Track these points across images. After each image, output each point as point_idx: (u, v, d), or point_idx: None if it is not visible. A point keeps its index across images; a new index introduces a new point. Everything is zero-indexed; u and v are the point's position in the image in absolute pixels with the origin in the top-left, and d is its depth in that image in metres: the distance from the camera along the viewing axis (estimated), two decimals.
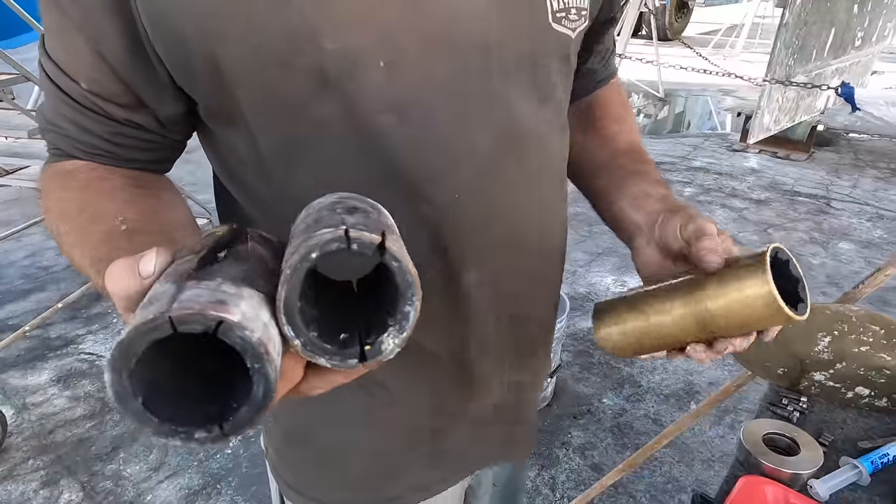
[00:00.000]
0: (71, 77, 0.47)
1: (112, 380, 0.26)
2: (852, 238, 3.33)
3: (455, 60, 0.47)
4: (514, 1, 0.49)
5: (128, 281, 0.30)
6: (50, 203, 0.49)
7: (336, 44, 0.43)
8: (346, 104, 0.45)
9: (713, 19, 10.62)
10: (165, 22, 0.43)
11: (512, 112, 0.51)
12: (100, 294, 2.75)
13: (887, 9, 4.96)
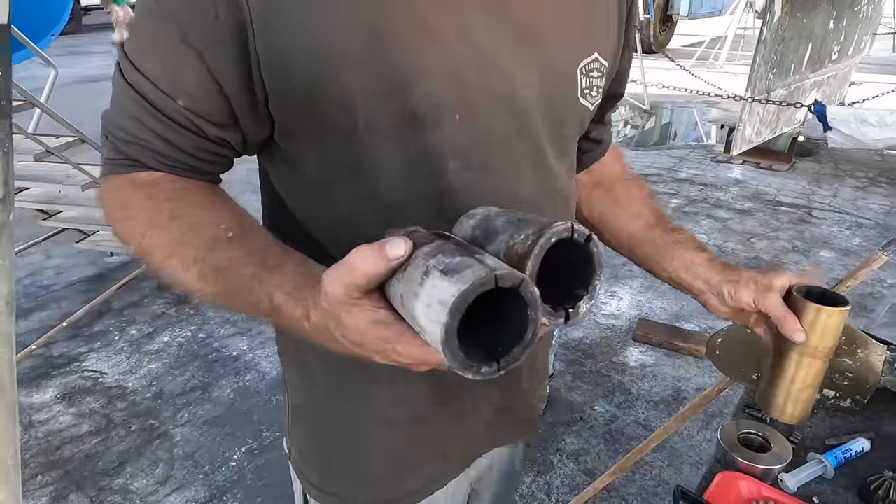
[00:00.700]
0: (167, 94, 0.50)
1: (448, 322, 0.34)
2: (832, 246, 3.44)
3: (511, 120, 0.56)
4: (556, 76, 0.59)
5: (376, 261, 0.39)
6: (132, 212, 0.52)
7: (423, 90, 0.51)
8: (423, 143, 0.53)
9: (697, 31, 10.84)
10: (279, 53, 0.48)
11: (548, 166, 0.62)
12: (101, 312, 2.80)
13: (862, 23, 5.14)
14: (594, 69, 0.62)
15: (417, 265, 0.38)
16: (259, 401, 2.26)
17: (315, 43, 0.48)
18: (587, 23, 0.62)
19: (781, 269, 0.66)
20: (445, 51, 0.52)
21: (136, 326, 2.73)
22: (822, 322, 0.69)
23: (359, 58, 0.49)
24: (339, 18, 0.49)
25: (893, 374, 0.94)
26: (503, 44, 0.54)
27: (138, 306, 2.88)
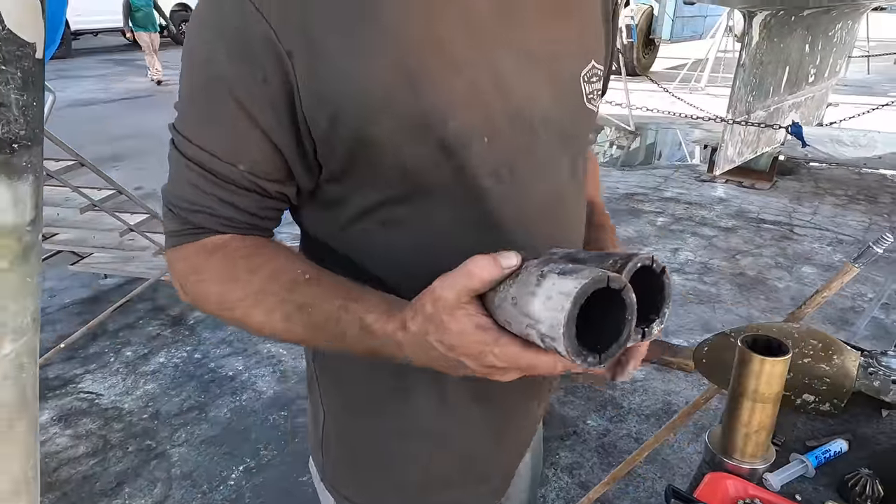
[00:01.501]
0: (228, 161, 0.54)
1: (570, 309, 0.40)
2: (814, 262, 3.54)
3: (531, 133, 0.61)
4: (564, 88, 0.64)
5: (492, 269, 0.45)
6: (207, 275, 0.57)
7: (456, 122, 0.55)
8: (458, 168, 0.57)
9: (679, 54, 11.12)
10: (324, 104, 0.53)
11: (564, 170, 0.66)
12: (96, 334, 2.81)
13: (837, 47, 5.33)
14: (593, 75, 0.67)
15: (531, 272, 0.45)
16: (256, 420, 2.28)
17: (357, 91, 0.53)
18: (582, 33, 0.66)
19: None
20: (472, 82, 0.56)
21: (132, 348, 2.74)
22: (767, 371, 0.81)
23: (398, 101, 0.53)
24: (377, 66, 0.53)
25: (867, 379, 1.00)
26: (518, 66, 0.59)
27: (133, 328, 2.89)
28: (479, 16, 0.56)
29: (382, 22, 0.53)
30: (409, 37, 0.53)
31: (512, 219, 0.61)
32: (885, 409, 1.01)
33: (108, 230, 2.77)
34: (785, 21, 4.07)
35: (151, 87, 9.08)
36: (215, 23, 0.53)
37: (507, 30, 0.58)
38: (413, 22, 0.54)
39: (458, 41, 0.55)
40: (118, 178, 2.95)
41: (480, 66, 0.56)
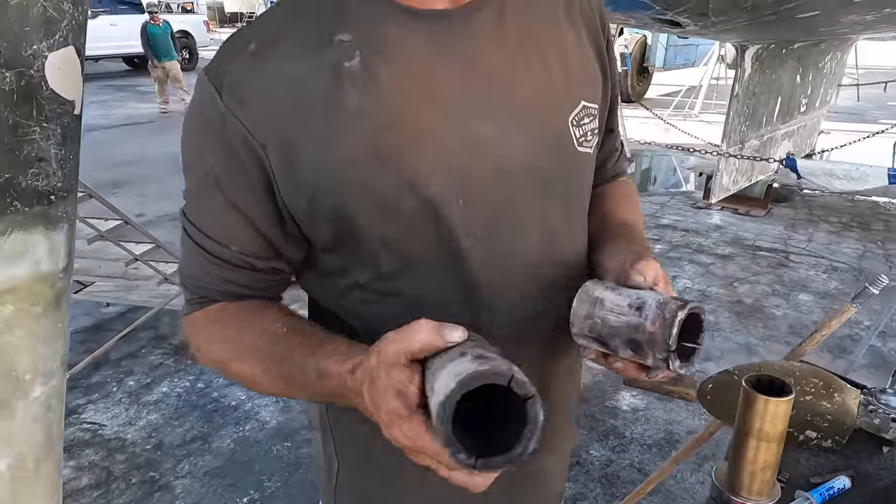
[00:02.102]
0: (221, 243, 0.61)
1: (453, 389, 0.39)
2: (810, 290, 3.58)
3: (510, 187, 0.62)
4: (548, 137, 0.64)
5: (431, 336, 0.46)
6: (206, 340, 0.65)
7: (429, 191, 0.58)
8: (437, 234, 0.60)
9: (673, 81, 11.32)
10: (301, 189, 0.58)
11: (551, 220, 0.66)
12: (99, 363, 2.81)
13: (827, 77, 5.46)
14: (584, 116, 0.66)
15: (462, 349, 0.45)
16: (259, 450, 2.28)
17: (330, 175, 0.57)
18: (567, 76, 0.65)
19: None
20: (445, 149, 0.58)
21: (134, 377, 2.74)
22: (772, 411, 0.84)
23: (369, 178, 0.57)
24: (347, 150, 0.57)
25: (868, 417, 1.03)
26: (495, 124, 0.60)
27: (136, 357, 2.90)
28: (447, 86, 0.59)
29: (349, 108, 0.57)
30: (377, 119, 0.57)
31: (495, 276, 0.62)
32: (885, 446, 1.03)
33: (114, 260, 2.79)
34: (776, 53, 4.18)
35: (153, 113, 9.16)
36: (199, 125, 0.61)
37: (478, 94, 0.59)
38: (379, 104, 0.57)
39: (425, 114, 0.58)
40: (119, 204, 2.98)
41: (451, 134, 0.58)
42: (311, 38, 0.58)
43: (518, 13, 0.63)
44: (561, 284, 0.69)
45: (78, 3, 0.75)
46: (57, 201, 0.79)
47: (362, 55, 0.57)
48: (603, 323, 0.57)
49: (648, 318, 0.54)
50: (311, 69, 0.57)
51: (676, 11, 2.21)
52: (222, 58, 0.60)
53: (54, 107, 0.75)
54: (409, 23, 0.58)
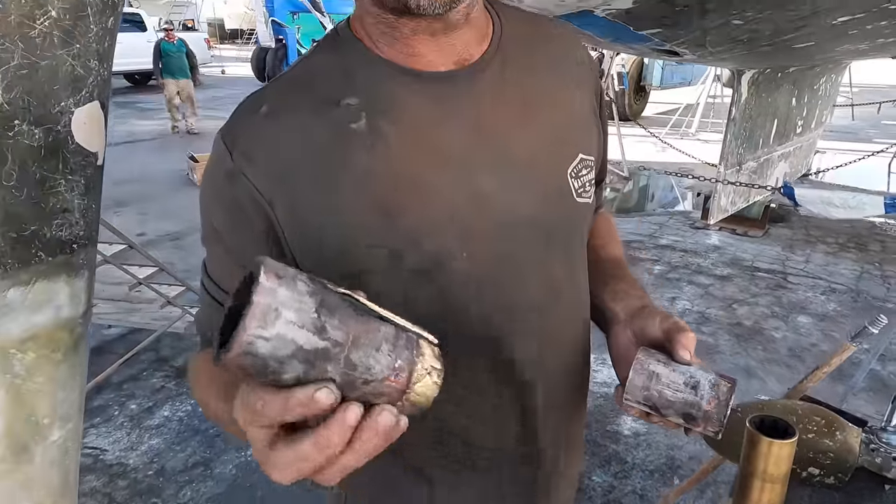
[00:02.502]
0: (227, 290, 0.63)
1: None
2: (809, 311, 3.60)
3: (513, 240, 0.64)
4: (549, 189, 0.66)
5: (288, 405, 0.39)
6: (197, 381, 0.66)
7: (431, 245, 0.60)
8: (439, 286, 0.61)
9: (669, 100, 11.44)
10: (306, 239, 0.60)
11: (553, 269, 0.68)
12: (101, 387, 2.81)
13: (822, 99, 5.53)
14: (582, 168, 0.69)
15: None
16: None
17: (336, 229, 0.59)
18: (566, 130, 0.68)
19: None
20: (449, 204, 0.60)
21: (136, 401, 2.74)
22: (776, 453, 0.85)
23: (375, 233, 0.59)
24: (353, 206, 0.59)
25: (870, 455, 1.05)
26: (498, 180, 0.62)
27: (137, 380, 2.90)
28: (451, 146, 0.61)
29: (356, 168, 0.59)
30: (383, 178, 0.59)
31: (498, 324, 0.65)
32: (888, 485, 1.05)
33: (116, 283, 2.80)
34: (772, 77, 4.25)
35: (155, 130, 9.21)
36: (211, 182, 0.64)
37: (481, 152, 0.62)
38: (385, 164, 0.59)
39: (431, 173, 0.60)
40: (120, 224, 3.00)
41: (455, 190, 0.61)
42: (320, 102, 0.61)
43: (519, 72, 0.66)
44: (565, 331, 0.72)
45: (103, 59, 0.78)
46: (79, 249, 0.81)
47: (368, 117, 0.60)
48: (659, 396, 0.63)
49: (704, 397, 0.61)
50: (319, 131, 0.60)
51: (675, 43, 2.26)
52: (236, 119, 0.63)
53: (79, 159, 0.78)
54: (413, 85, 0.61)
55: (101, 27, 0.75)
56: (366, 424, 0.40)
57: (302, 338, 0.38)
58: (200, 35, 16.57)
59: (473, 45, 0.64)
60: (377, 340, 0.42)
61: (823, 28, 2.16)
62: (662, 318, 0.66)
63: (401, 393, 0.42)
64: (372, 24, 0.61)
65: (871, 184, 5.81)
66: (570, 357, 0.75)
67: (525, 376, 0.68)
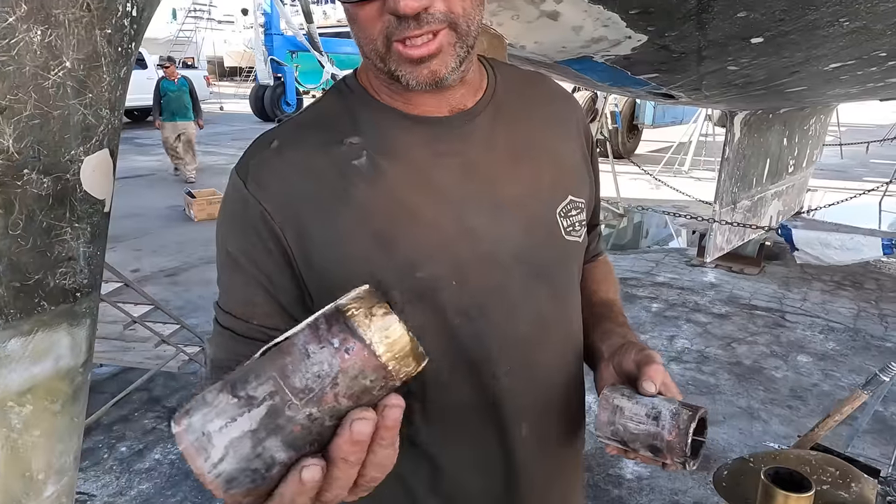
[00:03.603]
0: (243, 319, 0.65)
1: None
2: (808, 351, 3.59)
3: (501, 272, 0.67)
4: (537, 226, 0.70)
5: None
6: None
7: (424, 273, 0.64)
8: (430, 314, 0.65)
9: (662, 138, 11.62)
10: (312, 264, 0.64)
11: (542, 304, 0.71)
12: (90, 428, 2.74)
13: (812, 138, 5.63)
14: (572, 209, 0.73)
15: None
16: None
17: (338, 257, 0.63)
18: (555, 174, 0.73)
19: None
20: (442, 237, 0.65)
21: (126, 443, 2.67)
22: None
23: (373, 261, 0.63)
24: (353, 236, 0.63)
25: None
26: (487, 216, 0.67)
27: (128, 421, 2.83)
28: (444, 183, 0.66)
29: (357, 199, 0.64)
30: (381, 210, 0.64)
31: (487, 350, 0.67)
32: None
33: (111, 322, 2.76)
34: (763, 118, 4.32)
35: (151, 166, 9.24)
36: (228, 213, 0.67)
37: (472, 190, 0.67)
38: (384, 196, 0.64)
39: (425, 207, 0.65)
40: (115, 259, 2.98)
41: (447, 224, 0.65)
42: (325, 141, 0.67)
43: (510, 121, 0.72)
44: (552, 365, 0.74)
45: (115, 107, 0.78)
46: (82, 298, 0.79)
47: (369, 155, 0.66)
48: (624, 429, 0.64)
49: (665, 427, 0.61)
50: (324, 165, 0.65)
51: (672, 87, 2.30)
52: (249, 154, 0.68)
53: (86, 207, 0.77)
54: (411, 128, 0.67)
55: (114, 76, 0.76)
56: (347, 439, 0.40)
57: (244, 424, 0.36)
58: (200, 73, 16.83)
59: (469, 97, 0.70)
60: (300, 353, 0.39)
61: (816, 74, 2.21)
62: (637, 350, 0.69)
63: (373, 364, 0.38)
64: (375, 77, 0.68)
65: (863, 222, 5.87)
66: (560, 393, 0.76)
67: (511, 408, 0.70)
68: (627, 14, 1.58)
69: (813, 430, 1.17)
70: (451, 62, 0.61)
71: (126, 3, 0.75)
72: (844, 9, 1.53)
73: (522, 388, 0.70)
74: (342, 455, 0.40)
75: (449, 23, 0.59)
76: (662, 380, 0.66)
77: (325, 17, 20.79)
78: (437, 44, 0.59)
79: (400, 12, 0.56)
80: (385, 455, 0.43)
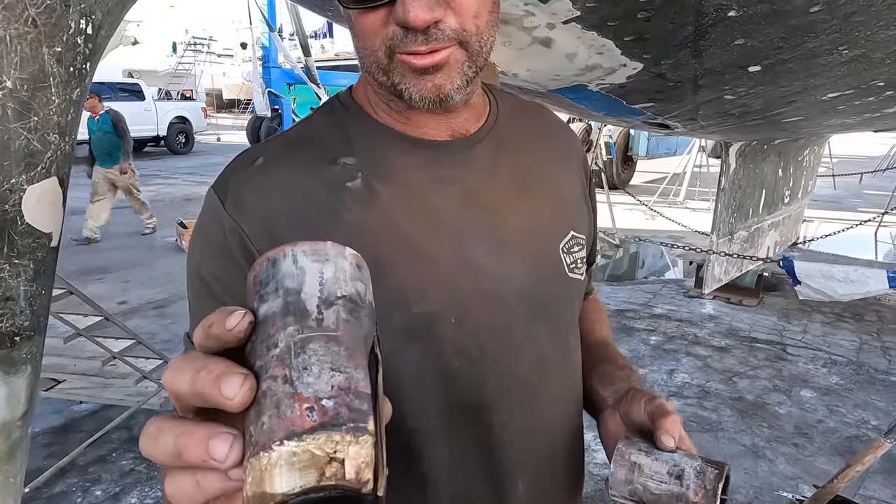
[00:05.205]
0: None
1: None
2: (812, 385, 3.49)
3: (506, 311, 0.62)
4: (541, 263, 0.66)
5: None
6: None
7: (419, 308, 0.58)
8: (425, 352, 0.58)
9: (656, 169, 11.69)
10: None
11: (543, 345, 0.66)
12: (65, 470, 2.61)
13: (806, 169, 5.63)
14: (574, 245, 0.69)
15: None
16: None
17: None
18: (558, 208, 0.69)
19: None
20: (440, 269, 0.60)
21: (102, 486, 2.54)
22: None
23: None
24: None
25: None
26: (489, 250, 0.62)
27: (105, 462, 2.70)
28: (443, 211, 0.61)
29: (349, 222, 0.58)
30: (374, 234, 0.58)
31: (486, 396, 0.61)
32: None
33: (89, 358, 2.66)
34: (758, 149, 4.31)
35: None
36: (202, 236, 0.61)
37: (473, 221, 0.62)
38: (378, 220, 0.59)
39: (423, 234, 0.60)
40: (102, 291, 2.89)
41: (446, 255, 0.60)
42: (317, 159, 0.61)
43: (513, 150, 0.68)
44: (553, 416, 0.68)
45: (65, 132, 0.71)
46: (21, 342, 0.71)
47: (364, 176, 0.60)
48: (644, 489, 0.59)
49: (691, 488, 0.57)
50: (313, 185, 0.59)
51: (667, 116, 2.26)
52: (229, 172, 0.61)
53: (28, 241, 0.69)
54: (409, 150, 0.62)
55: (65, 99, 0.69)
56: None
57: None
58: (198, 104, 17.00)
59: (471, 123, 0.66)
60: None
61: (813, 103, 2.18)
62: (647, 399, 0.64)
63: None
64: (373, 93, 0.63)
65: (859, 252, 5.84)
66: (561, 446, 0.70)
67: (508, 463, 0.64)
68: (622, 41, 1.54)
69: (832, 482, 1.08)
70: (458, 80, 0.56)
71: (80, 20, 0.69)
72: (844, 37, 1.49)
73: (521, 441, 0.64)
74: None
75: (459, 41, 0.55)
76: (679, 434, 0.60)
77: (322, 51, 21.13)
78: (444, 55, 0.55)
79: (409, 24, 0.51)
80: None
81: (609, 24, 1.50)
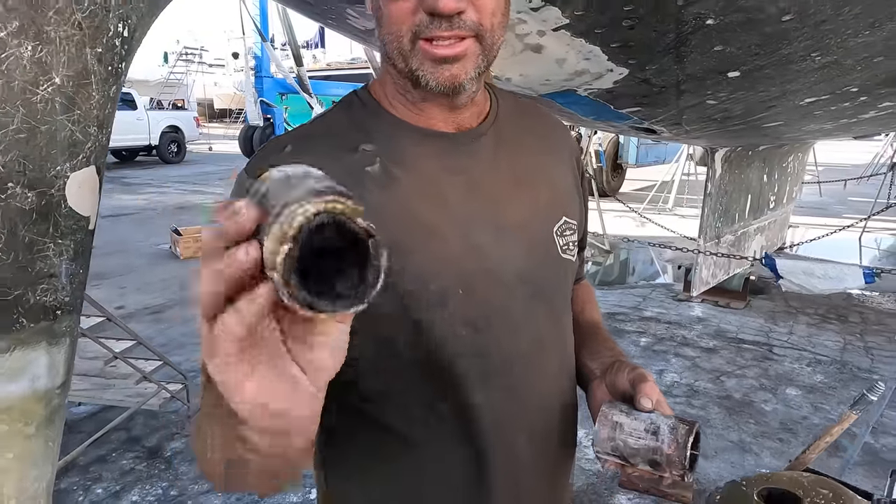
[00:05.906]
0: None
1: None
2: (797, 383, 3.58)
3: (505, 291, 0.69)
4: (537, 246, 0.73)
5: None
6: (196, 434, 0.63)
7: (435, 286, 0.65)
8: (439, 321, 0.65)
9: (645, 176, 11.84)
10: None
11: (540, 323, 0.73)
12: (65, 469, 2.64)
13: (791, 176, 5.76)
14: (566, 229, 0.76)
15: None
16: None
17: None
18: (551, 195, 0.76)
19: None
20: (452, 252, 0.66)
21: (103, 484, 2.58)
22: None
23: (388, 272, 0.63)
24: None
25: None
26: (490, 235, 0.69)
27: (105, 461, 2.74)
28: (452, 197, 0.68)
29: (370, 203, 0.62)
30: (395, 216, 0.64)
31: (489, 367, 0.68)
32: None
33: (91, 358, 2.70)
34: (743, 155, 4.43)
35: (137, 205, 9.22)
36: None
37: (477, 206, 0.69)
38: (397, 202, 0.65)
39: (436, 217, 0.66)
40: (99, 296, 2.93)
41: (455, 237, 0.67)
42: (338, 147, 0.67)
43: (511, 143, 0.75)
44: (549, 385, 0.75)
45: (103, 125, 0.78)
46: (62, 316, 0.78)
47: (382, 162, 0.67)
48: (624, 445, 0.66)
49: (665, 441, 0.64)
50: (337, 169, 0.63)
51: (653, 121, 2.36)
52: (261, 155, 0.69)
53: (70, 223, 0.76)
54: (421, 140, 0.69)
55: (103, 95, 0.76)
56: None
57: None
58: (190, 114, 17.00)
59: (474, 118, 0.73)
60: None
61: (791, 109, 2.28)
62: (630, 369, 0.71)
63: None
64: (391, 85, 0.69)
65: (844, 256, 5.97)
66: (556, 408, 0.77)
67: (516, 412, 0.70)
68: (609, 47, 1.63)
69: (804, 453, 1.15)
70: (472, 71, 0.63)
71: (118, 24, 0.76)
72: (816, 43, 1.59)
73: (523, 406, 0.71)
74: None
75: (476, 33, 0.62)
76: (657, 396, 0.68)
77: (314, 61, 21.23)
78: (462, 47, 0.62)
79: (439, 10, 0.58)
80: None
81: (596, 32, 1.59)
